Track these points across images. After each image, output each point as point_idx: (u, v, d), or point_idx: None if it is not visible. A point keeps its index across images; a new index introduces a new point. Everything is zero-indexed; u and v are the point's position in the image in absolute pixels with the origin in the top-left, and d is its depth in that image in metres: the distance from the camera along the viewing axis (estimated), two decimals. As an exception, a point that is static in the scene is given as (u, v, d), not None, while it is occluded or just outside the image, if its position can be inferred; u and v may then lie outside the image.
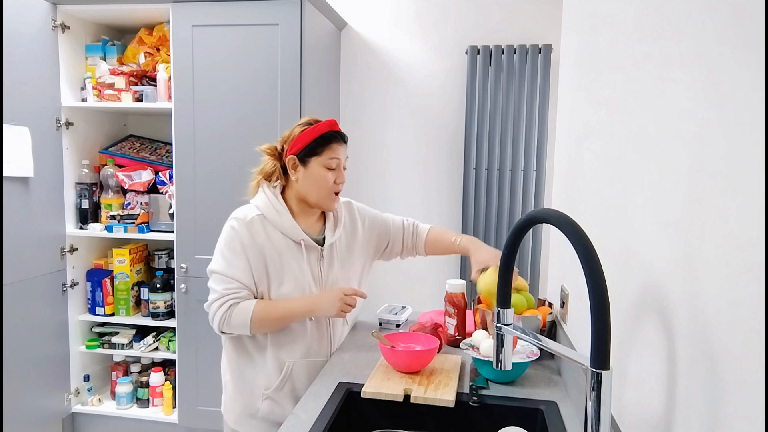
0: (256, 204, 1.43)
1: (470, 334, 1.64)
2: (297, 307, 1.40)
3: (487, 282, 1.52)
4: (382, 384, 1.31)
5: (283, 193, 1.47)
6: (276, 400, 1.44)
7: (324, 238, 1.49)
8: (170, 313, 2.56)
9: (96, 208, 2.59)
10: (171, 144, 2.44)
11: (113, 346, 2.62)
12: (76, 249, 2.56)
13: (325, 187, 1.44)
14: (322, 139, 1.43)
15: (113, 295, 2.60)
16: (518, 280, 1.58)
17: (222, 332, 1.40)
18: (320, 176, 1.43)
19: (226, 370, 1.50)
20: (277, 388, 1.44)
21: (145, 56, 2.54)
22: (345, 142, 1.49)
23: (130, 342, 2.62)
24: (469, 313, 1.81)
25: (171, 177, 2.49)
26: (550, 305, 1.65)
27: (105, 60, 2.59)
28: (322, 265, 1.47)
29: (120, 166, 2.62)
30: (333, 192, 1.46)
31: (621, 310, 0.95)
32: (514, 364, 1.32)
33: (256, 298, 1.41)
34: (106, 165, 2.61)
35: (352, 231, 1.59)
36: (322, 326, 1.49)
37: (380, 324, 1.82)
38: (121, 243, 2.68)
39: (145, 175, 2.56)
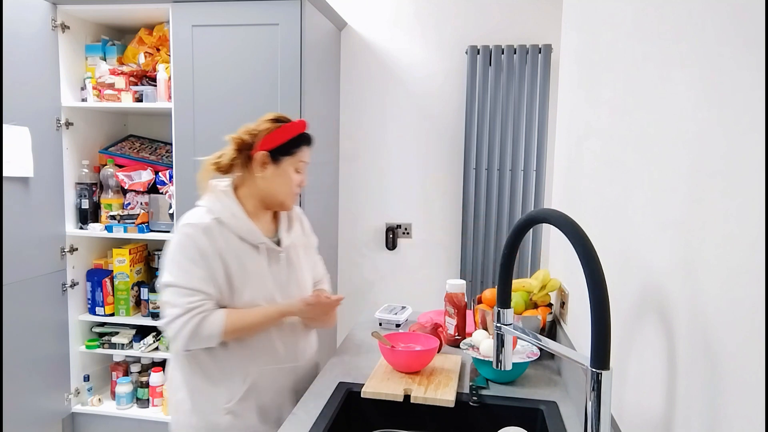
0: (209, 207, 1.32)
1: (470, 334, 1.64)
2: (270, 313, 1.32)
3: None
4: (382, 384, 1.30)
5: (234, 191, 1.38)
6: (239, 413, 1.33)
7: (278, 240, 1.42)
8: (170, 313, 2.55)
9: (96, 208, 2.59)
10: (171, 144, 2.44)
11: (113, 346, 2.62)
12: (76, 249, 2.56)
13: (291, 188, 1.38)
14: (298, 140, 1.38)
15: (113, 295, 2.60)
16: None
17: (187, 350, 1.29)
18: (289, 177, 1.37)
19: (180, 387, 1.36)
20: (241, 400, 1.33)
21: (145, 56, 2.54)
22: (312, 144, 1.44)
23: (130, 342, 2.62)
24: (469, 313, 1.81)
25: (171, 177, 2.49)
26: (550, 305, 1.65)
27: (105, 60, 2.59)
28: (281, 269, 1.39)
29: (120, 166, 2.62)
30: (296, 194, 1.41)
31: (621, 310, 0.95)
32: (514, 364, 1.32)
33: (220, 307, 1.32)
34: (106, 165, 2.61)
35: (303, 235, 1.53)
36: (287, 331, 1.40)
37: (380, 324, 1.82)
38: (121, 243, 2.68)
39: (145, 175, 2.56)
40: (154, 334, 2.63)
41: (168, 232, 2.48)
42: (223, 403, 1.32)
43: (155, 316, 2.55)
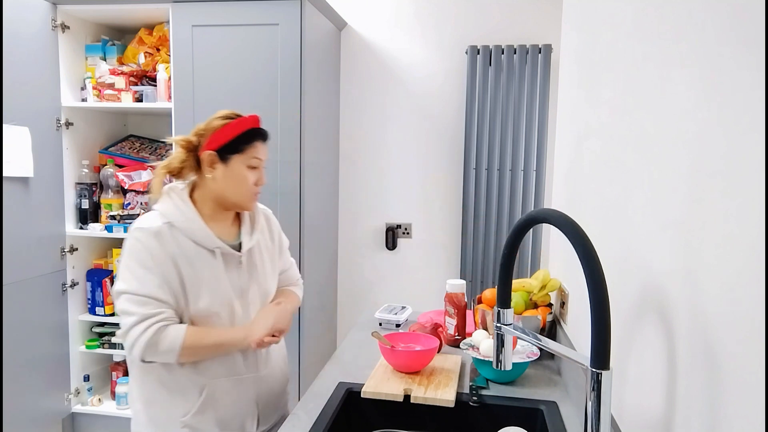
0: (161, 211, 1.26)
1: (470, 334, 1.64)
2: (231, 337, 1.26)
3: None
4: (382, 384, 1.30)
5: (191, 194, 1.31)
6: (196, 427, 1.27)
7: (240, 244, 1.34)
8: (170, 313, 2.55)
9: (96, 208, 2.59)
10: (171, 144, 2.44)
11: (113, 346, 2.62)
12: (76, 249, 2.56)
13: (246, 188, 1.29)
14: (246, 136, 1.27)
15: (113, 295, 2.60)
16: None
17: (143, 361, 1.22)
18: (241, 176, 1.27)
19: (137, 398, 1.30)
20: (197, 413, 1.26)
21: (145, 56, 2.54)
22: (267, 140, 1.34)
23: (130, 342, 2.62)
24: (469, 313, 1.82)
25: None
26: (550, 305, 1.65)
27: (105, 60, 2.59)
28: (241, 274, 1.31)
29: (120, 166, 2.62)
30: (254, 193, 1.32)
31: (621, 310, 0.95)
32: (514, 364, 1.32)
33: (180, 319, 1.25)
34: (106, 165, 2.61)
35: (270, 237, 1.44)
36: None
37: (380, 324, 1.82)
38: (121, 243, 2.66)
39: (145, 175, 2.56)
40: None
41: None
42: (180, 416, 1.26)
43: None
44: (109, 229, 2.50)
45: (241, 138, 1.27)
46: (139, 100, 2.47)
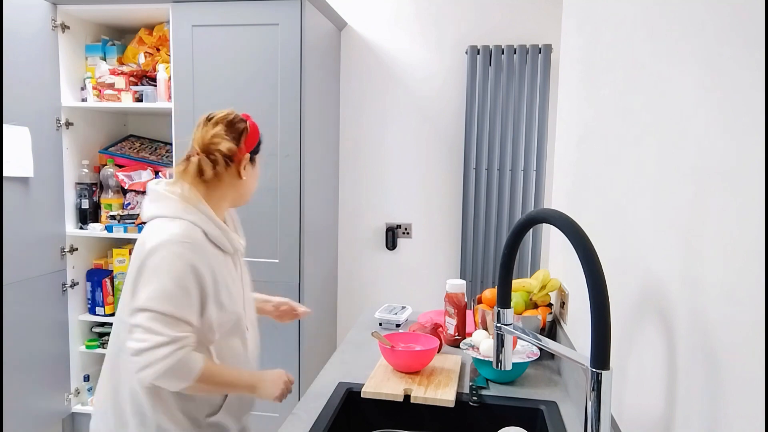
0: (192, 219, 1.20)
1: (470, 334, 1.64)
2: (242, 380, 1.23)
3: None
4: (382, 384, 1.31)
5: (205, 196, 1.28)
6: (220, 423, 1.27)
7: None
8: (170, 313, 2.55)
9: (96, 208, 2.59)
10: (171, 144, 2.44)
11: (113, 346, 2.62)
12: (76, 249, 2.56)
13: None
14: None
15: (113, 295, 2.60)
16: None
17: (151, 384, 1.16)
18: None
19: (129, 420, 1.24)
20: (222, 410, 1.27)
21: (145, 56, 2.54)
22: None
23: (130, 342, 2.62)
24: (469, 313, 1.82)
25: (171, 177, 2.49)
26: (550, 305, 1.65)
27: (105, 60, 2.59)
28: (241, 272, 1.33)
29: (120, 166, 2.62)
30: None
31: (621, 310, 0.95)
32: (514, 364, 1.32)
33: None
34: (106, 165, 2.61)
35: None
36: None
37: (380, 324, 1.82)
38: (121, 243, 2.68)
39: (145, 175, 2.56)
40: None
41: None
42: (206, 413, 1.26)
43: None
44: (109, 229, 2.50)
45: (260, 138, 1.34)
46: (139, 100, 2.47)
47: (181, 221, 1.19)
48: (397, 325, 1.80)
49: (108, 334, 2.65)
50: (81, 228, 2.55)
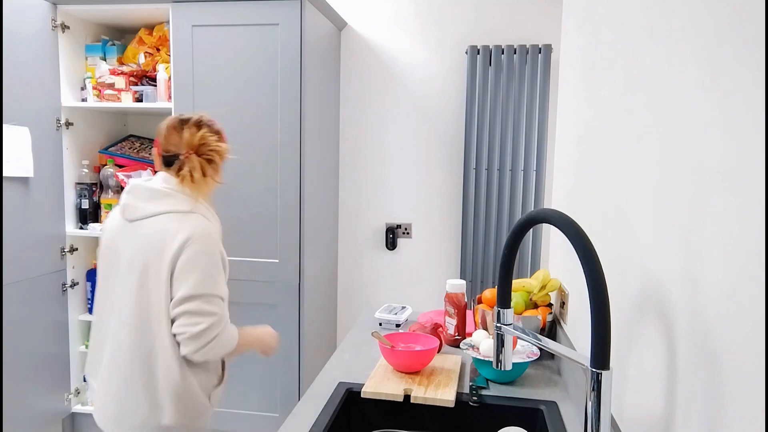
0: (205, 215, 1.40)
1: (470, 334, 1.64)
2: (254, 337, 1.48)
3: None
4: (382, 384, 1.31)
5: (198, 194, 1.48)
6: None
7: None
8: (170, 313, 2.55)
9: (96, 208, 2.59)
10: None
11: (113, 346, 2.62)
12: (76, 249, 2.56)
13: None
14: None
15: (113, 295, 2.60)
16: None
17: (203, 359, 1.36)
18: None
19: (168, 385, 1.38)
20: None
21: (145, 56, 2.54)
22: None
23: (130, 342, 2.62)
24: (469, 313, 1.82)
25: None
26: (550, 305, 1.65)
27: (105, 60, 2.59)
28: None
29: (120, 166, 2.62)
30: None
31: (621, 310, 0.95)
32: (514, 364, 1.32)
33: None
34: (106, 165, 2.61)
35: None
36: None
37: (380, 324, 1.82)
38: (121, 243, 2.68)
39: (145, 175, 2.56)
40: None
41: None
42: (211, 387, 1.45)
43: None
44: (109, 229, 2.50)
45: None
46: (139, 100, 2.47)
47: (196, 215, 1.37)
48: (397, 325, 1.80)
49: (108, 334, 2.66)
50: (81, 228, 2.55)
